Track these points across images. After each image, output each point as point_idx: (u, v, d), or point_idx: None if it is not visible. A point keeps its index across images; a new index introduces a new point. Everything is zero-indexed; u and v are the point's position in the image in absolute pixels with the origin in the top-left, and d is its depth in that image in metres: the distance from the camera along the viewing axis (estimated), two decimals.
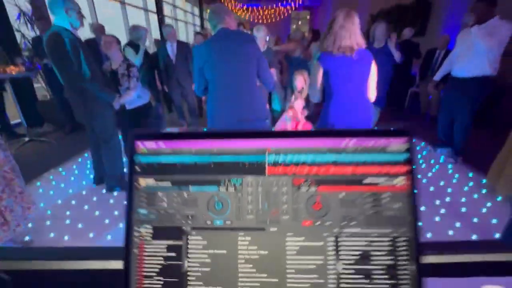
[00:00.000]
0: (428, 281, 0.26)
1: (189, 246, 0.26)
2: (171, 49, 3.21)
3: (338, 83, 1.61)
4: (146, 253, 0.26)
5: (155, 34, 9.81)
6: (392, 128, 0.25)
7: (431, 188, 2.39)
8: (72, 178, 2.65)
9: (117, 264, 0.30)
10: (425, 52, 4.66)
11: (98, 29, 3.51)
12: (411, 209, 0.25)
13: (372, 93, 1.67)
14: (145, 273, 0.26)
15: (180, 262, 0.26)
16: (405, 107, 5.03)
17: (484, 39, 2.09)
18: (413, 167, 0.25)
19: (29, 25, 4.13)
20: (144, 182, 0.27)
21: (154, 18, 9.48)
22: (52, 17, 1.90)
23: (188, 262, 0.26)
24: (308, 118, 2.93)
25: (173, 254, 0.26)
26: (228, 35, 1.60)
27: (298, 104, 2.98)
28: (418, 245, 0.24)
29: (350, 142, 0.25)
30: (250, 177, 0.26)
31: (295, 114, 2.98)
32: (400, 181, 0.25)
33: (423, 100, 4.55)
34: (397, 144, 0.25)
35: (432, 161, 2.91)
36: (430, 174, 2.64)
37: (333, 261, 0.25)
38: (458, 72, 2.45)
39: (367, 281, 0.24)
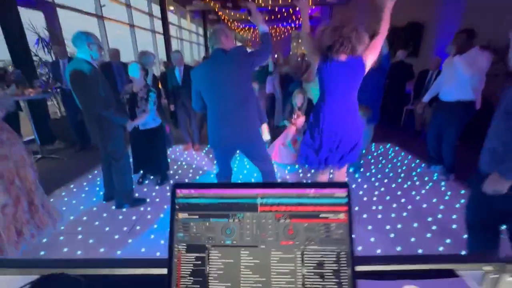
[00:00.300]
0: (361, 282, 0.40)
1: (209, 257, 0.41)
2: (179, 73, 3.45)
3: (330, 88, 1.66)
4: (182, 262, 0.41)
5: (162, 53, 10.26)
6: (335, 182, 0.41)
7: (424, 205, 2.50)
8: (83, 195, 2.79)
9: (161, 270, 0.45)
10: (418, 72, 4.89)
11: (114, 54, 3.78)
12: (349, 234, 0.40)
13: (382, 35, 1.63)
14: (181, 275, 0.40)
15: (204, 268, 0.40)
16: (401, 124, 5.20)
17: (465, 68, 2.29)
18: (350, 207, 0.40)
19: (46, 50, 4.44)
20: (181, 215, 0.42)
21: (161, 37, 9.95)
22: (68, 44, 2.11)
23: (209, 267, 0.40)
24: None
25: (199, 262, 0.40)
26: (221, 56, 1.70)
27: (300, 121, 3.17)
28: (353, 258, 0.39)
29: (311, 191, 0.41)
30: (248, 213, 0.41)
31: (296, 131, 3.17)
32: (342, 216, 0.40)
33: (418, 118, 4.72)
34: (340, 192, 0.40)
35: (426, 178, 3.04)
36: (423, 191, 2.76)
37: (300, 267, 0.40)
38: (444, 96, 2.64)
39: (321, 280, 0.39)
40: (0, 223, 1.48)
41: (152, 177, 3.07)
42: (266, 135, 2.07)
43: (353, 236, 0.39)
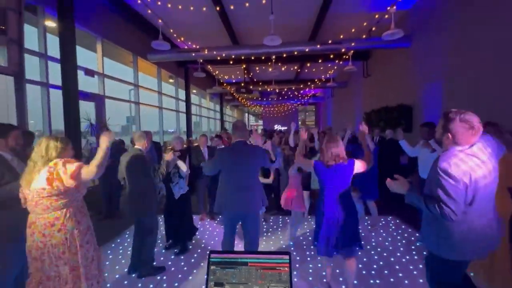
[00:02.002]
0: None
1: None
2: (204, 151, 4.21)
3: (327, 187, 2.16)
4: None
5: (183, 126, 11.64)
6: (283, 252, 0.88)
7: (420, 280, 2.64)
8: (107, 263, 3.12)
9: None
10: None
11: (149, 137, 4.71)
12: (289, 278, 0.85)
13: (367, 165, 2.21)
14: None
15: None
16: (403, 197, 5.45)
17: (429, 153, 2.82)
18: (290, 264, 0.87)
19: (93, 133, 5.49)
20: (212, 267, 0.89)
21: (183, 114, 11.49)
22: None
23: None
24: None
25: None
26: (242, 147, 2.39)
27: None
28: None
29: (272, 256, 0.88)
30: (243, 266, 0.88)
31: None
32: (286, 269, 0.86)
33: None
34: (285, 257, 0.88)
35: (424, 253, 3.19)
36: (420, 266, 2.91)
37: None
38: (422, 174, 3.10)
39: None
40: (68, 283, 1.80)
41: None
42: (261, 218, 2.57)
43: (292, 279, 0.84)
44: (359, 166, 2.19)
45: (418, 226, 3.85)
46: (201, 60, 8.26)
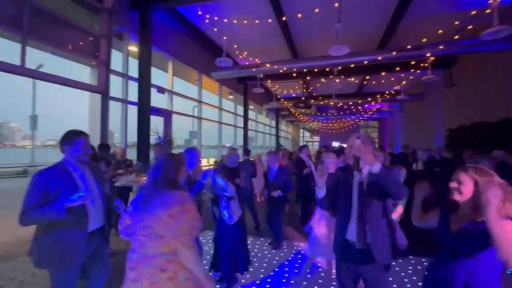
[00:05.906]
0: None
1: None
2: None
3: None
4: None
5: (239, 141, 11.81)
6: None
7: None
8: None
9: None
10: None
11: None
12: None
13: None
14: None
15: None
16: None
17: None
18: None
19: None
20: None
21: (239, 129, 11.69)
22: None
23: None
24: None
25: None
26: None
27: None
28: None
29: None
30: None
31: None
32: None
33: None
34: None
35: None
36: None
37: None
38: None
39: None
40: None
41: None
42: None
43: None
44: None
45: None
46: (261, 76, 8.26)
